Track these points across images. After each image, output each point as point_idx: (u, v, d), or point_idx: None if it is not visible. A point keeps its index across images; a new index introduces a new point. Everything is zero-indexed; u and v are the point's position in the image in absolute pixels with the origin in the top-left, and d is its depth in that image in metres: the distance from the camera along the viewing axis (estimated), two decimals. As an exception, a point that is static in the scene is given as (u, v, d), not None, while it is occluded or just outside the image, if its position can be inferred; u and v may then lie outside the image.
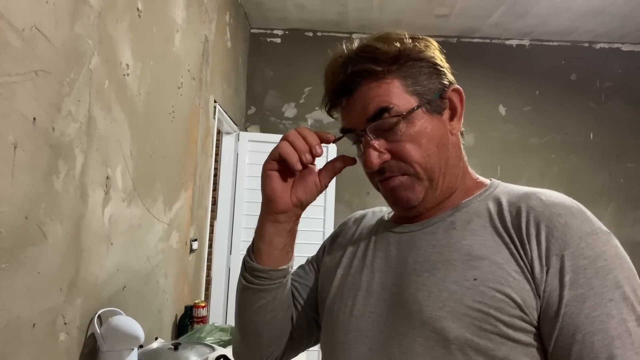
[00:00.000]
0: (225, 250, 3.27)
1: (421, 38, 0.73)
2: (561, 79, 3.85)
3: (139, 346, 1.37)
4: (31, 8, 0.97)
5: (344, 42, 0.74)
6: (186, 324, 2.05)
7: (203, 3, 2.37)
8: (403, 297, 0.67)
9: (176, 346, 1.51)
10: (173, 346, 1.51)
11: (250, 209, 3.33)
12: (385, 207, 0.85)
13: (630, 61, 3.87)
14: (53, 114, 1.06)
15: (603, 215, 3.67)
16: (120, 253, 1.45)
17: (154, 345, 1.58)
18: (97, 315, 1.27)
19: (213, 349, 1.56)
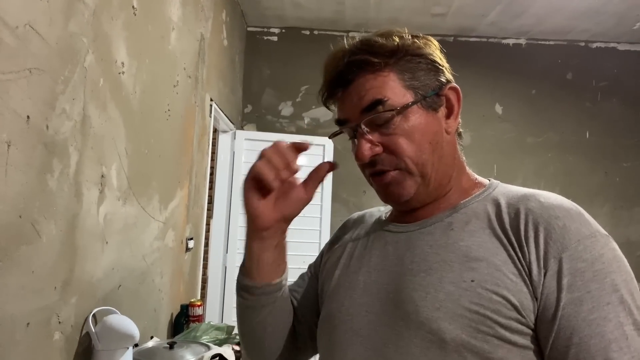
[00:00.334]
0: (221, 248, 3.27)
1: (421, 36, 0.73)
2: (557, 78, 3.86)
3: (134, 345, 1.37)
4: (25, 5, 0.96)
5: (345, 38, 0.74)
6: (182, 323, 2.04)
7: (199, 1, 2.36)
8: (399, 297, 0.67)
9: (172, 345, 1.50)
10: (168, 345, 1.51)
11: (246, 208, 3.33)
12: (382, 207, 0.85)
13: (626, 60, 3.88)
14: (47, 112, 1.05)
15: (598, 214, 3.68)
16: (115, 252, 1.45)
17: (150, 344, 1.58)
18: (92, 314, 1.26)
19: (209, 348, 1.56)
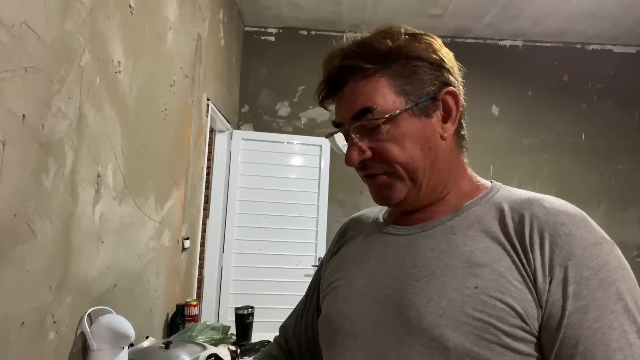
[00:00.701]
0: (217, 248, 3.27)
1: (421, 35, 0.71)
2: (553, 80, 3.87)
3: (130, 345, 1.37)
4: (21, 4, 0.96)
5: (344, 38, 0.72)
6: (178, 323, 2.04)
7: (196, 0, 2.35)
8: (400, 302, 0.66)
9: (167, 345, 1.50)
10: (164, 345, 1.50)
11: (243, 208, 3.33)
12: (378, 207, 0.84)
13: (621, 62, 3.90)
14: (43, 111, 1.05)
15: (593, 216, 3.58)
16: (110, 251, 1.44)
17: (145, 344, 1.58)
18: (87, 313, 1.26)
19: (204, 348, 1.56)
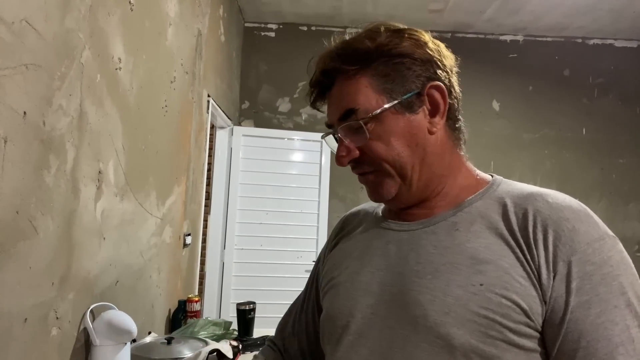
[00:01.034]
0: (219, 244, 3.27)
1: (405, 31, 0.71)
2: (554, 75, 3.86)
3: (132, 341, 1.37)
4: (21, 1, 0.96)
5: (343, 33, 0.74)
6: (179, 319, 2.05)
7: (196, -4, 2.35)
8: (404, 299, 0.65)
9: (169, 340, 1.51)
10: (166, 340, 1.51)
11: (244, 204, 3.34)
12: (375, 203, 0.84)
13: (623, 57, 3.89)
14: (44, 108, 1.05)
15: (594, 210, 3.55)
16: (112, 248, 1.45)
17: (147, 339, 1.58)
18: (90, 309, 1.27)
19: (206, 343, 1.56)
